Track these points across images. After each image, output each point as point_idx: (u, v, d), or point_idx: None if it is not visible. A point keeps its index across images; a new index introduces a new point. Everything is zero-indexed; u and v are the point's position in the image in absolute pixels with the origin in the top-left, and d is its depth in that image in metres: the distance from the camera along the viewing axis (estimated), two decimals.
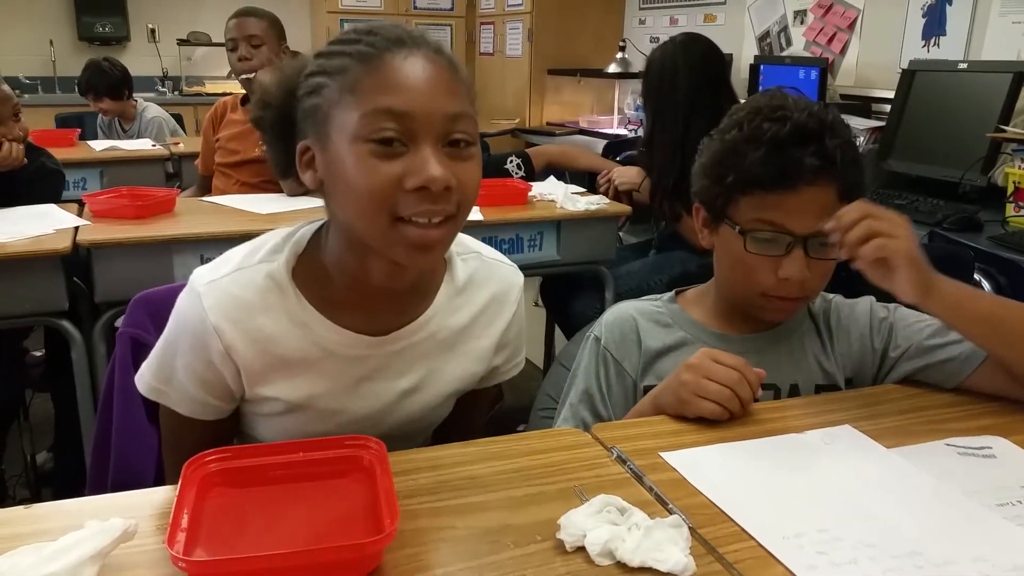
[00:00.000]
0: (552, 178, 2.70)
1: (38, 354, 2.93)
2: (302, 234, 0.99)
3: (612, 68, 4.53)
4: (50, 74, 5.54)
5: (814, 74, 3.28)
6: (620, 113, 4.71)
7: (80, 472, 1.47)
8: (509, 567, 0.72)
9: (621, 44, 4.59)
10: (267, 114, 0.96)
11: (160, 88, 5.69)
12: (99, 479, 1.27)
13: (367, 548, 0.70)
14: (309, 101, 0.89)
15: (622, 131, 4.45)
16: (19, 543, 0.70)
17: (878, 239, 0.97)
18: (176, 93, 5.68)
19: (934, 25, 3.09)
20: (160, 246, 1.95)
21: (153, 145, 3.59)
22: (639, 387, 1.16)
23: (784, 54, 3.81)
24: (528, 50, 4.97)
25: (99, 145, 3.52)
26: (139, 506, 0.80)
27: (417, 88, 0.85)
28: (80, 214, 2.11)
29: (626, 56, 4.52)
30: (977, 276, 1.88)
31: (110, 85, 3.87)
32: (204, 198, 2.56)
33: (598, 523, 0.74)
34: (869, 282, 1.01)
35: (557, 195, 2.41)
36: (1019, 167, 2.19)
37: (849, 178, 1.08)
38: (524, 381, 1.26)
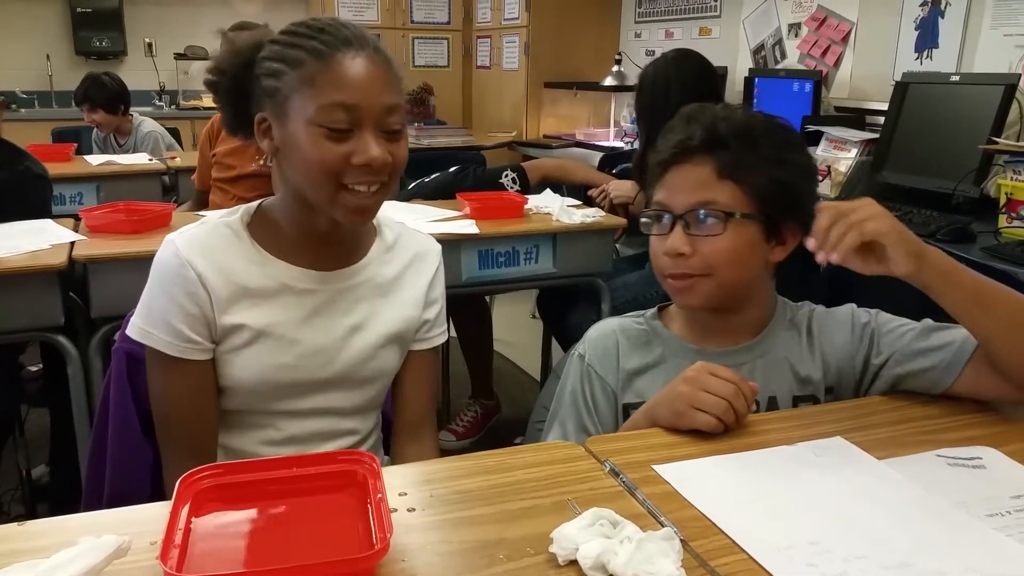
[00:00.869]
0: (548, 191, 2.71)
1: (34, 369, 2.93)
2: (248, 206, 1.20)
3: (608, 81, 4.56)
4: (47, 88, 5.55)
5: (808, 87, 3.29)
6: (616, 125, 4.72)
7: (76, 486, 1.47)
8: None
9: (617, 57, 4.61)
10: (222, 80, 1.15)
11: (157, 102, 5.69)
12: (95, 494, 1.28)
13: (360, 563, 0.70)
14: (268, 82, 1.09)
15: (618, 143, 4.47)
16: (14, 560, 0.70)
17: (861, 225, 0.96)
18: (173, 107, 5.69)
19: (927, 38, 3.12)
20: None
21: (149, 159, 3.58)
22: (619, 404, 1.17)
23: (779, 67, 3.84)
24: (524, 63, 4.99)
25: (95, 160, 3.52)
26: (133, 522, 0.80)
27: (363, 85, 1.06)
28: (76, 229, 2.11)
29: (622, 69, 4.55)
30: None
31: (108, 98, 3.88)
32: (201, 212, 2.57)
33: (590, 536, 0.74)
34: (852, 293, 1.01)
35: (553, 208, 2.41)
36: (1011, 178, 2.20)
37: (731, 154, 1.11)
38: (521, 393, 1.27)
